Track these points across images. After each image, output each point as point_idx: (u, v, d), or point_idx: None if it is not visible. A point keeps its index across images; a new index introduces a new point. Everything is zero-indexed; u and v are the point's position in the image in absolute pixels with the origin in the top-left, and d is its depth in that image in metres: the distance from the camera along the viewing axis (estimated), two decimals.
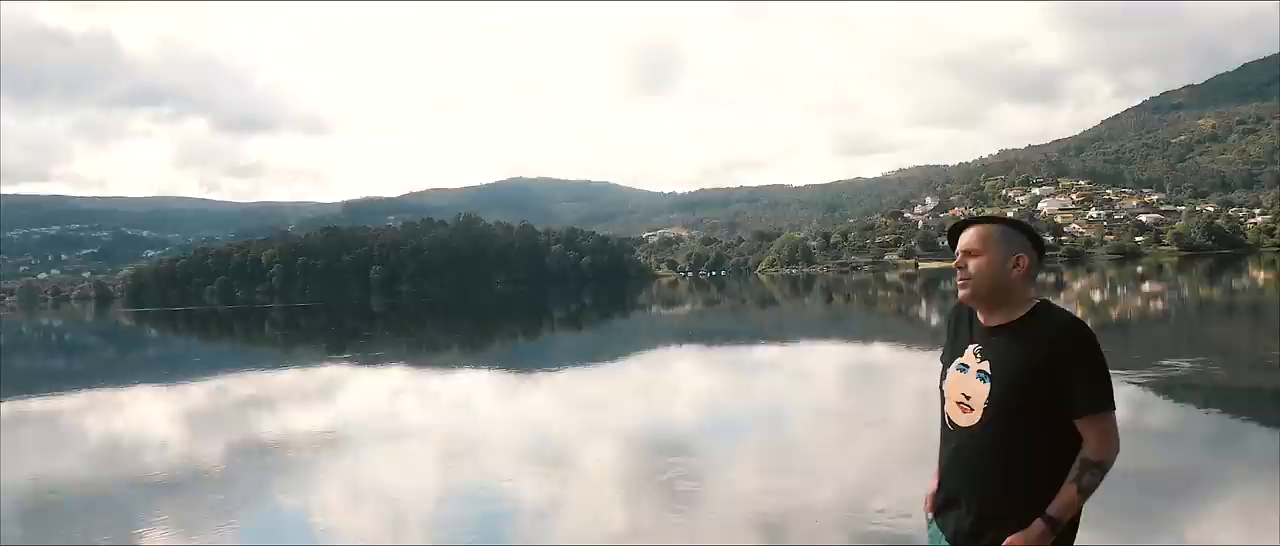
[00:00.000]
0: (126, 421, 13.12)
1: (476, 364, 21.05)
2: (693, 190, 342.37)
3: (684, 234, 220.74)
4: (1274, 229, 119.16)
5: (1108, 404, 2.04)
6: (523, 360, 22.04)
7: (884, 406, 11.37)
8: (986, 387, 2.11)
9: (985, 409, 2.10)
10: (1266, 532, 5.18)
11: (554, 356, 22.66)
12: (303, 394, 15.73)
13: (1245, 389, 11.22)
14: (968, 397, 2.15)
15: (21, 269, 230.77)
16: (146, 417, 13.29)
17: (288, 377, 19.28)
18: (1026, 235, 2.21)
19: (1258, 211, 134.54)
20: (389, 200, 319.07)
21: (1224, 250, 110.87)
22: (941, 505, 2.25)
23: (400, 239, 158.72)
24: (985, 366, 2.13)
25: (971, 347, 2.19)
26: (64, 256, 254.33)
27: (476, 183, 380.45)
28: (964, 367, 2.19)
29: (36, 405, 15.97)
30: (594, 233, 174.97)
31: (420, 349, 26.76)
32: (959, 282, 2.21)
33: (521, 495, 7.07)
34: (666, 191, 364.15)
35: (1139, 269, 71.65)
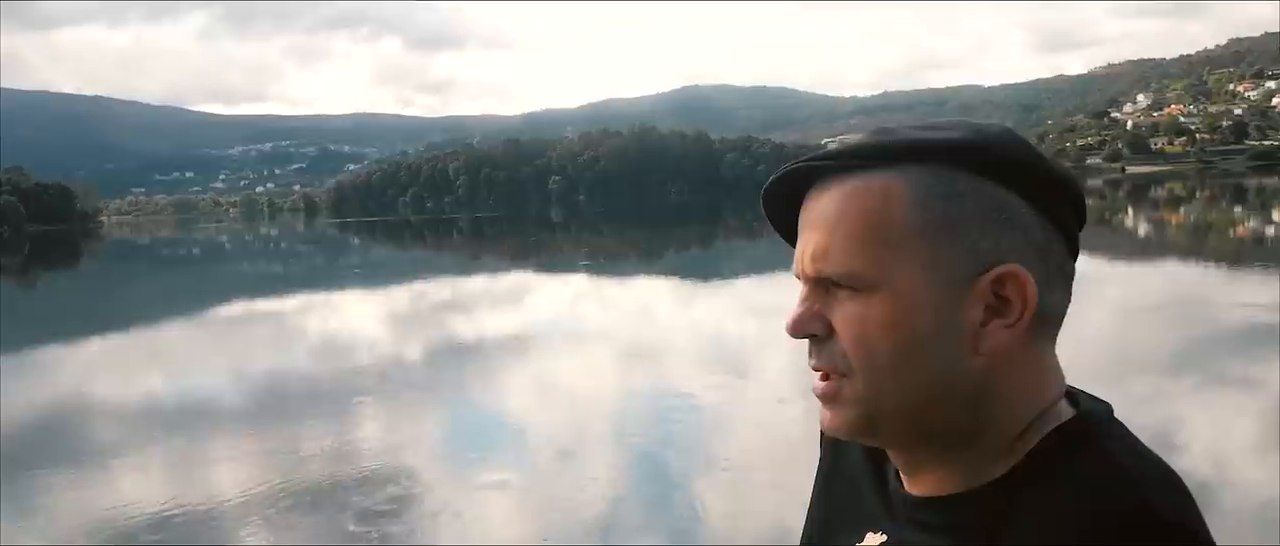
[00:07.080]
0: (341, 321, 14.35)
1: (653, 272, 21.45)
2: (875, 94, 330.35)
3: None
4: None
5: None
6: (698, 268, 22.25)
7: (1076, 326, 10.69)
8: None
9: None
10: None
11: (729, 265, 22.72)
12: (492, 298, 16.65)
13: None
14: None
15: (242, 183, 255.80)
16: (356, 319, 14.48)
17: (477, 283, 20.41)
18: (1014, 175, 0.56)
19: None
20: (567, 112, 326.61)
21: None
22: None
23: (578, 150, 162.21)
24: None
25: None
26: (278, 171, 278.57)
27: (653, 92, 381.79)
28: None
29: (262, 306, 17.73)
30: (770, 140, 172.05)
31: (599, 257, 27.51)
32: (819, 390, 0.62)
33: (701, 399, 7.21)
34: (847, 95, 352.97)
35: None
